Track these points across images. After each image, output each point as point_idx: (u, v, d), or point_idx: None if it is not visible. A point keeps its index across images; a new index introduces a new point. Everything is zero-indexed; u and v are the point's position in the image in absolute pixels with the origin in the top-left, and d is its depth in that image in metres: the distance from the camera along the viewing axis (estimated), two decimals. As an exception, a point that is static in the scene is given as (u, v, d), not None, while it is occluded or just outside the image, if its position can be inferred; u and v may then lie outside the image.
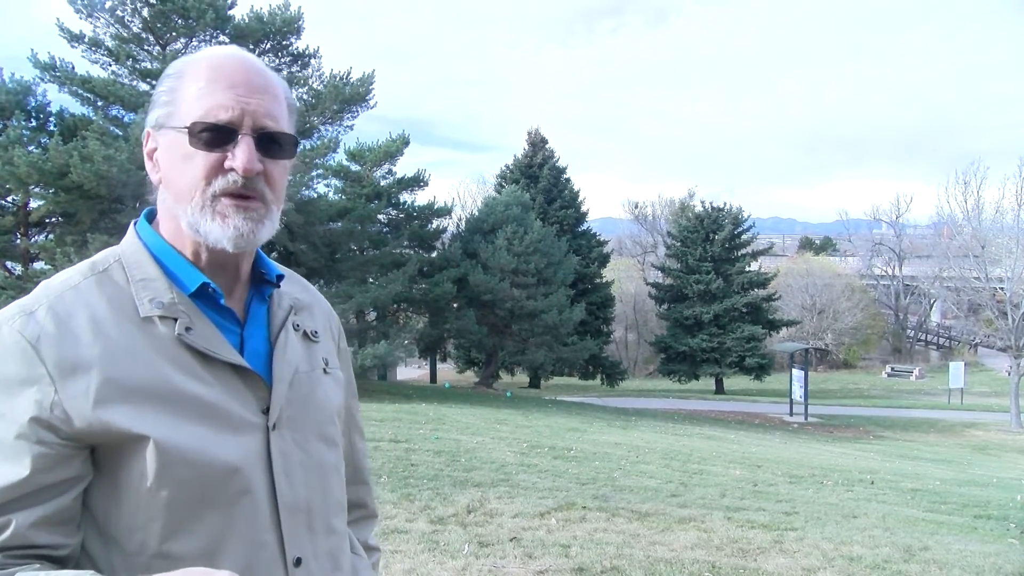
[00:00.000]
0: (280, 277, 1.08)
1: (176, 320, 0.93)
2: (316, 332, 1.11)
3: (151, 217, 1.03)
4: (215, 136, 0.93)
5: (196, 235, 0.95)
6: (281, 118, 0.98)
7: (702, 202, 33.69)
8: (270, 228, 0.98)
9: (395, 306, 21.15)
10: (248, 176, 0.94)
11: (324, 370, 1.09)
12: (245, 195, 0.95)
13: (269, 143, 0.96)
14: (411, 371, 32.30)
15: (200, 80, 0.95)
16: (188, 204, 0.94)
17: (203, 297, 0.97)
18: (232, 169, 0.93)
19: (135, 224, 1.03)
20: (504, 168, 31.46)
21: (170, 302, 0.94)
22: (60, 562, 0.86)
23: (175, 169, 0.96)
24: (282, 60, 18.03)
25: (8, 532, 0.82)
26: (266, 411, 0.97)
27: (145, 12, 16.05)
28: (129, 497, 0.88)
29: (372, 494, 1.29)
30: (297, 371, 1.03)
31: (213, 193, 0.94)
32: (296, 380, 1.02)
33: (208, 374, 0.93)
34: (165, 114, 0.97)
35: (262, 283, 1.06)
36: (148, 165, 1.00)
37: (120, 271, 0.96)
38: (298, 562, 0.97)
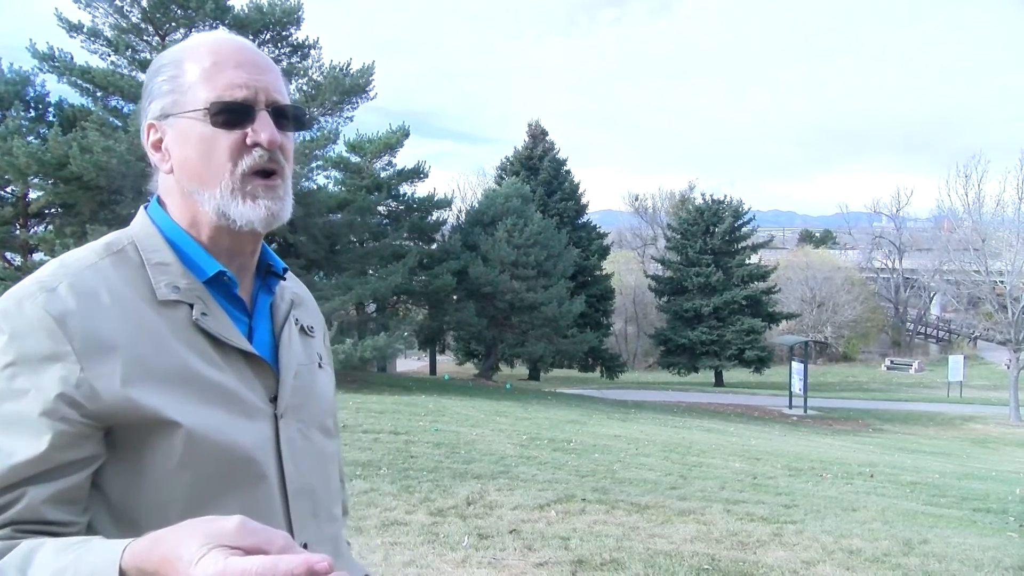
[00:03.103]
0: (285, 270, 1.09)
1: (192, 305, 0.94)
2: (312, 328, 1.14)
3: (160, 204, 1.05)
4: (234, 115, 0.95)
5: (223, 219, 0.96)
6: (286, 93, 1.01)
7: (702, 195, 33.60)
8: (289, 204, 1.00)
9: (395, 298, 21.14)
10: (272, 148, 0.96)
11: (319, 364, 1.12)
12: (270, 170, 0.97)
13: (282, 117, 0.98)
14: (410, 363, 32.33)
15: (204, 63, 0.96)
16: (216, 188, 0.95)
17: (216, 285, 0.98)
18: (256, 144, 0.95)
19: (146, 208, 1.02)
20: (504, 160, 31.37)
21: (186, 287, 0.95)
22: None
23: (194, 154, 0.96)
24: (282, 51, 17.95)
25: (21, 505, 0.81)
26: (273, 399, 0.99)
27: (144, 2, 15.99)
28: (151, 478, 0.88)
29: (347, 493, 1.30)
30: (299, 363, 1.06)
31: (242, 172, 0.95)
32: (299, 372, 1.05)
33: (221, 360, 0.95)
34: (170, 103, 0.97)
35: (268, 275, 1.08)
36: (155, 157, 1.00)
37: (135, 252, 0.96)
38: (304, 547, 0.97)
